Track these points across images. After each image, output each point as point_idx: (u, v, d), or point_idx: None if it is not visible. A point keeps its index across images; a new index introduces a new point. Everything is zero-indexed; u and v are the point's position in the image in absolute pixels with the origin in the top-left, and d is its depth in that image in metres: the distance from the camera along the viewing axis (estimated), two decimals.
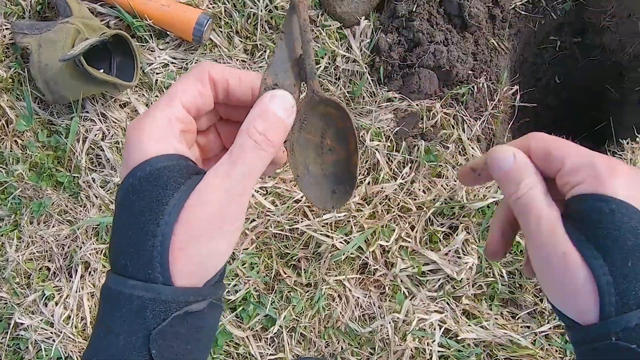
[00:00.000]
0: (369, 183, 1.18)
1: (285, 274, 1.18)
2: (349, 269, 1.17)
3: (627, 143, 1.18)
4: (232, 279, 1.16)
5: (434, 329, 1.13)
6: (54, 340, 1.14)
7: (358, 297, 1.16)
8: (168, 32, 1.20)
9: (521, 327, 1.16)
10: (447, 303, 1.16)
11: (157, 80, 1.20)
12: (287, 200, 1.17)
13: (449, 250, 1.16)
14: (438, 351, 1.12)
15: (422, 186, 1.18)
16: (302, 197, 1.17)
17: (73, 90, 1.13)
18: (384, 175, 1.17)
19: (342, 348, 1.15)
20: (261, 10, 1.19)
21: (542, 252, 0.38)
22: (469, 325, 1.15)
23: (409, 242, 1.17)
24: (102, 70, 1.16)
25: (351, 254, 1.16)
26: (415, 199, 1.18)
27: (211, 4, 1.21)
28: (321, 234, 1.16)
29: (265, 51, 1.21)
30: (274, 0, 1.19)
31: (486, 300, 1.17)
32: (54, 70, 1.11)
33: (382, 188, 1.16)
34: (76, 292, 1.17)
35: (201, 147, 0.45)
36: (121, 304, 0.35)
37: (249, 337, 1.15)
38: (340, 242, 1.16)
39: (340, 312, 1.16)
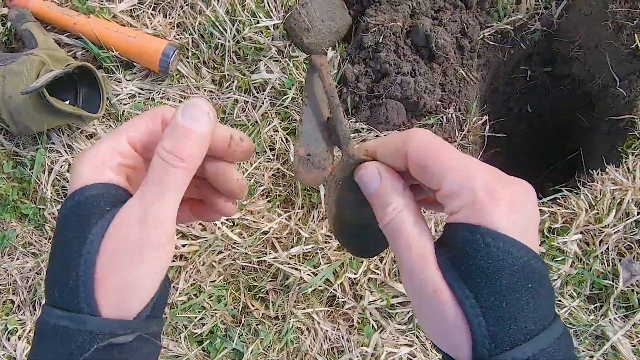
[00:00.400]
0: None
1: (253, 306, 1.17)
2: (318, 301, 1.16)
3: (597, 174, 1.18)
4: (199, 311, 1.14)
5: None
6: None
7: (327, 330, 1.15)
8: (134, 63, 1.20)
9: None
10: (417, 336, 1.14)
11: (124, 111, 1.19)
12: (254, 232, 1.16)
13: None
14: None
15: None
16: (269, 228, 1.16)
17: (37, 122, 1.12)
18: None
19: None
20: (229, 41, 1.19)
21: (413, 283, 0.35)
22: (439, 358, 1.13)
23: (378, 274, 1.16)
24: (68, 102, 1.16)
25: (319, 286, 1.15)
26: None
27: (178, 35, 1.21)
28: (289, 267, 1.14)
29: (233, 82, 1.20)
30: (242, 30, 1.19)
31: None
32: (18, 102, 1.10)
33: None
34: None
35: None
36: (47, 334, 0.34)
37: None
38: (308, 275, 1.14)
39: (309, 346, 1.14)
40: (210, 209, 0.46)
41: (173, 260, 1.16)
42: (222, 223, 1.15)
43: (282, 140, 1.19)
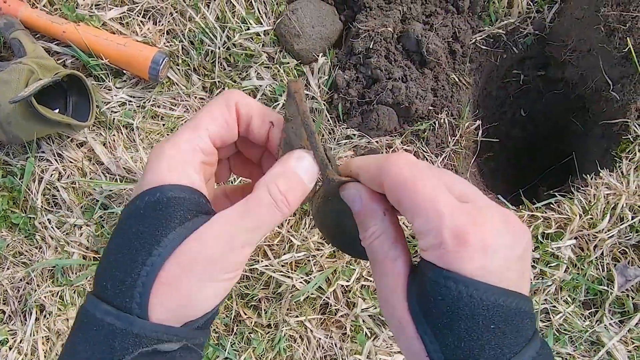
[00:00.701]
0: None
1: (246, 314, 1.16)
2: (310, 309, 1.15)
3: (591, 178, 1.17)
4: None
5: None
6: None
7: (319, 338, 1.14)
8: (124, 71, 1.19)
9: None
10: None
11: (114, 119, 1.18)
12: None
13: None
14: None
15: None
16: None
17: (27, 131, 1.11)
18: None
19: None
20: (219, 48, 1.18)
21: (384, 308, 0.36)
22: None
23: (371, 281, 1.15)
24: (57, 110, 1.15)
25: (312, 294, 1.14)
26: None
27: (168, 42, 1.20)
28: (281, 275, 1.14)
29: (224, 88, 1.20)
30: (232, 37, 1.18)
31: None
32: (7, 111, 1.09)
33: None
34: (30, 335, 1.14)
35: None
36: (91, 327, 0.34)
37: None
38: (301, 282, 1.13)
39: (302, 354, 1.14)
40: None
41: None
42: None
43: None
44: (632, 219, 1.13)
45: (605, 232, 1.13)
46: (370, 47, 1.13)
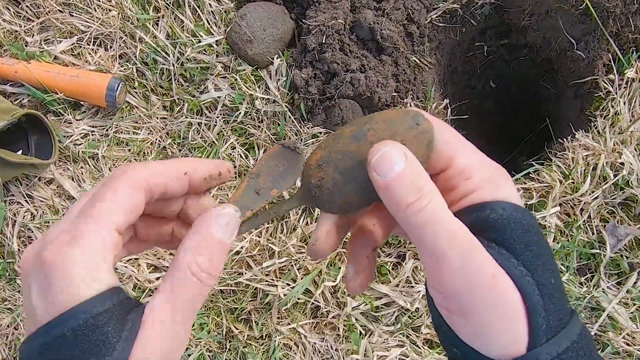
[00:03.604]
0: (307, 223, 1.14)
1: (237, 329, 1.14)
2: (301, 314, 1.13)
3: (568, 141, 1.14)
4: None
5: None
6: None
7: (314, 343, 1.12)
8: (82, 102, 1.18)
9: None
10: (407, 335, 1.11)
11: (79, 151, 1.17)
12: None
13: (400, 281, 1.11)
14: None
15: None
16: (241, 247, 1.14)
17: None
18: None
19: None
20: (173, 65, 1.17)
21: (467, 274, 0.31)
22: (432, 354, 1.10)
23: None
24: (20, 151, 1.14)
25: (300, 299, 1.12)
26: None
27: (122, 67, 1.19)
28: (266, 284, 1.12)
29: (183, 105, 1.18)
30: (185, 52, 1.16)
31: None
32: None
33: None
34: None
35: None
36: None
37: None
38: (288, 289, 1.11)
39: None
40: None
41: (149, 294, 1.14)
42: None
43: (241, 156, 1.16)
44: (614, 177, 1.09)
45: (589, 195, 1.10)
46: (323, 41, 1.11)
